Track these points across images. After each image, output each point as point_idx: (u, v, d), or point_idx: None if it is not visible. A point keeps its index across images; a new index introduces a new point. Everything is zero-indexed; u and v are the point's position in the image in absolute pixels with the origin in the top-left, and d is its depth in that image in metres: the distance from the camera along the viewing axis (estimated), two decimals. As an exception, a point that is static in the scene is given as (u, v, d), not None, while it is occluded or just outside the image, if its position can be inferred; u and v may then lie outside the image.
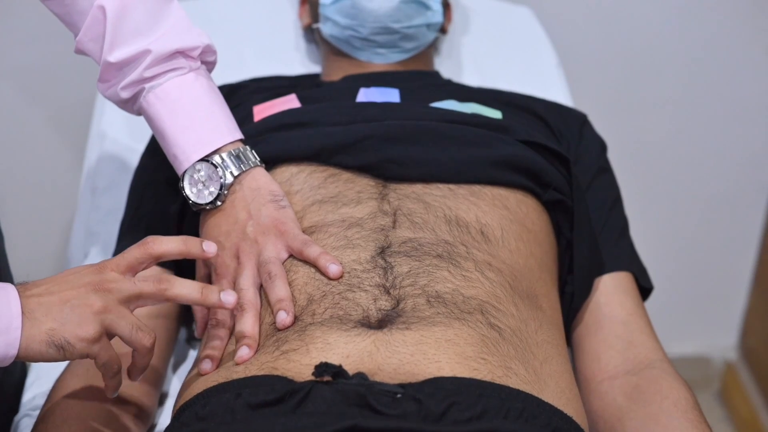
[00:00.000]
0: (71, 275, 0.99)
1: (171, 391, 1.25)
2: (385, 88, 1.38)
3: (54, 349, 0.95)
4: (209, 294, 1.03)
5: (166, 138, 1.17)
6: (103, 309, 0.97)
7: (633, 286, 1.29)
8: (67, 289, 0.97)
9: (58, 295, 0.97)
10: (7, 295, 0.95)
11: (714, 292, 2.30)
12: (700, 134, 2.09)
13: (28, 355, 0.95)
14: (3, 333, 0.93)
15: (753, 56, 2.00)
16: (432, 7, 1.45)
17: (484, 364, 0.99)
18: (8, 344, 0.94)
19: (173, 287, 1.01)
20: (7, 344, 0.94)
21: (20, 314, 0.94)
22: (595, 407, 1.20)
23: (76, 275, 0.99)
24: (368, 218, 1.15)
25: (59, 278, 0.99)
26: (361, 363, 0.98)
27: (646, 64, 2.00)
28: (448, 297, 1.05)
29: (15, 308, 0.94)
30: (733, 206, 2.17)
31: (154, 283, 1.01)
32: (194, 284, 1.03)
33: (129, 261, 1.01)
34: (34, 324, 0.95)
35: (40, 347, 0.95)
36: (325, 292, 1.06)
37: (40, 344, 0.94)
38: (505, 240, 1.17)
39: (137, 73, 1.15)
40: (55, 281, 0.98)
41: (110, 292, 0.98)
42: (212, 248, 1.06)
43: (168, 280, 1.01)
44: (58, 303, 0.96)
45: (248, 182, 1.16)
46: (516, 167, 1.23)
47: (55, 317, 0.95)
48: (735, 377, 2.30)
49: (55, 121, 1.90)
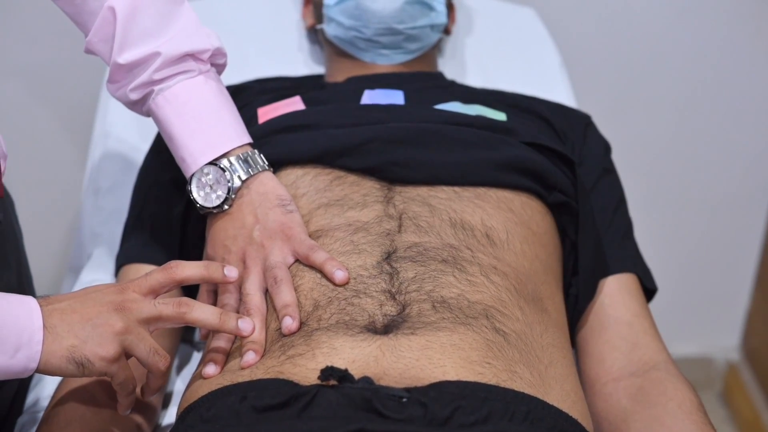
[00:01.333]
0: (93, 293, 1.00)
1: (175, 392, 1.25)
2: (389, 90, 1.38)
3: (74, 366, 0.96)
4: (227, 320, 1.05)
5: (175, 141, 1.17)
6: (124, 330, 0.98)
7: (637, 288, 1.29)
8: (90, 307, 0.98)
9: (81, 312, 0.98)
10: (29, 308, 0.96)
11: (716, 293, 2.30)
12: (704, 135, 2.09)
13: (47, 369, 0.96)
14: (24, 346, 0.95)
15: (757, 58, 2.00)
16: (436, 8, 1.45)
17: (489, 368, 0.99)
18: (29, 358, 0.95)
19: (192, 311, 1.03)
20: (28, 357, 0.95)
21: (42, 328, 0.95)
22: (600, 409, 1.20)
23: (99, 294, 1.00)
24: (374, 222, 1.15)
25: (81, 295, 1.00)
26: (366, 367, 0.98)
27: (650, 65, 2.00)
28: (453, 302, 1.05)
29: (37, 322, 0.95)
30: (735, 207, 2.17)
31: (174, 306, 1.02)
32: (213, 310, 1.04)
33: (151, 284, 1.03)
34: (56, 339, 0.96)
35: (60, 363, 0.96)
36: (332, 298, 1.06)
37: (60, 360, 0.96)
38: (510, 243, 1.17)
39: (146, 75, 1.15)
40: (77, 298, 0.99)
41: (131, 312, 1.00)
42: (233, 273, 1.07)
43: (187, 303, 1.03)
44: (80, 320, 0.97)
45: (256, 186, 1.16)
46: (521, 169, 1.23)
47: (77, 334, 0.96)
48: (737, 378, 2.30)
49: (58, 121, 1.90)
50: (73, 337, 0.96)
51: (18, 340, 0.95)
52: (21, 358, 0.95)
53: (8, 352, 0.94)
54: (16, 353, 0.95)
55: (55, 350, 0.96)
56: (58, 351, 0.96)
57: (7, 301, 0.97)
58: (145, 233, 1.29)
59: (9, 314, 0.95)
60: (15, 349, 0.95)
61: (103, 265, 1.44)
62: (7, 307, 0.96)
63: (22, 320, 0.95)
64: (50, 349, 0.96)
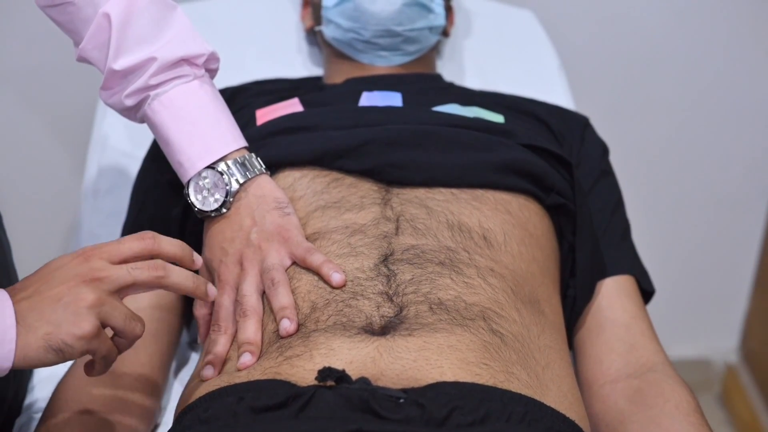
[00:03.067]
0: (56, 270, 0.94)
1: (173, 394, 1.26)
2: (387, 92, 1.38)
3: (53, 354, 0.91)
4: (200, 285, 1.00)
5: (171, 145, 1.17)
6: (97, 302, 0.92)
7: (635, 290, 1.29)
8: (56, 286, 0.93)
9: (48, 294, 0.92)
10: (1, 305, 0.92)
11: (715, 295, 2.30)
12: (702, 137, 2.09)
13: (27, 363, 0.91)
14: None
15: (755, 59, 2.00)
16: (434, 10, 1.45)
17: (486, 370, 0.99)
18: (2, 357, 0.90)
19: (170, 276, 0.98)
20: (2, 357, 0.90)
21: (14, 325, 0.90)
22: (597, 410, 1.19)
23: (62, 269, 0.94)
24: (371, 225, 1.15)
25: (44, 274, 0.94)
26: (364, 368, 0.98)
27: (648, 67, 2.00)
28: (451, 304, 1.05)
29: (9, 319, 0.91)
30: (734, 209, 2.17)
31: (149, 270, 0.96)
32: (187, 274, 0.99)
33: (124, 253, 0.97)
34: (29, 331, 0.91)
35: (38, 354, 0.91)
36: (329, 300, 1.06)
37: (38, 351, 0.91)
38: (508, 245, 1.17)
39: (142, 81, 1.15)
40: (41, 279, 0.94)
41: (101, 282, 0.94)
42: (199, 261, 1.03)
43: (164, 267, 0.97)
44: (49, 303, 0.92)
45: (253, 189, 1.17)
46: (518, 171, 1.23)
47: (48, 319, 0.91)
48: (736, 380, 2.30)
49: (57, 123, 1.90)
50: (46, 323, 0.91)
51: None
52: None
53: None
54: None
55: (30, 342, 0.90)
56: (34, 342, 0.90)
57: None
58: (144, 235, 1.29)
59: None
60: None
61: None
62: None
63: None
64: (25, 343, 0.90)
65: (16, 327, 0.90)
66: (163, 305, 1.23)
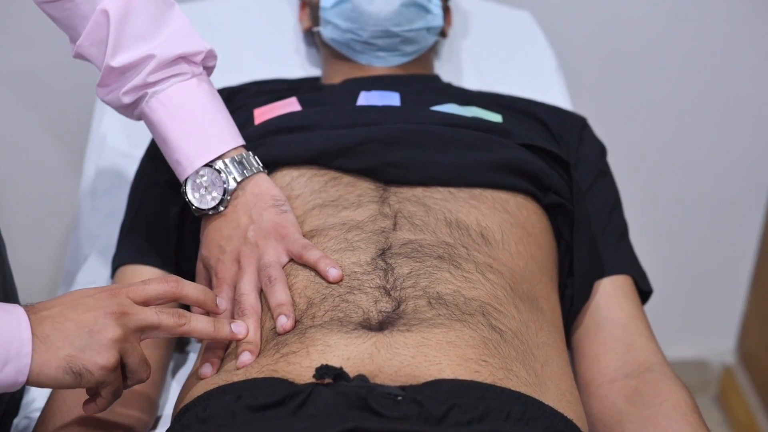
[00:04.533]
0: (84, 298, 0.96)
1: (170, 394, 1.25)
2: (385, 92, 1.38)
3: (71, 377, 0.92)
4: (221, 328, 1.04)
5: (169, 143, 1.17)
6: (122, 337, 0.95)
7: (633, 290, 1.29)
8: (84, 313, 0.94)
9: (74, 319, 0.94)
10: (17, 318, 0.92)
11: (712, 296, 2.30)
12: (699, 138, 2.09)
13: (40, 380, 0.92)
14: (13, 360, 0.90)
15: (752, 60, 2.01)
16: (432, 10, 1.45)
17: (485, 366, 0.99)
18: (18, 371, 0.91)
19: (190, 323, 1.01)
20: (17, 371, 0.91)
21: (30, 339, 0.91)
22: (595, 410, 1.20)
23: (91, 299, 0.96)
24: (368, 221, 1.15)
25: (71, 300, 0.96)
26: (361, 365, 0.98)
27: (646, 68, 2.00)
28: (450, 298, 1.05)
29: (26, 333, 0.91)
30: (731, 210, 2.17)
31: (174, 317, 1.00)
32: (207, 320, 1.03)
33: (149, 294, 1.01)
34: (50, 349, 0.92)
35: (56, 374, 0.92)
36: (325, 295, 1.06)
37: (57, 370, 0.92)
38: (506, 243, 1.17)
39: (140, 78, 1.15)
40: (66, 304, 0.95)
41: (128, 319, 0.96)
42: (224, 305, 1.09)
43: (185, 315, 1.01)
44: (75, 328, 0.93)
45: (251, 188, 1.17)
46: (516, 171, 1.23)
47: (72, 343, 0.92)
48: (733, 381, 2.30)
49: (54, 124, 1.90)
50: (69, 346, 0.92)
51: (5, 353, 0.90)
52: (9, 371, 0.90)
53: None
54: (3, 367, 0.90)
55: (49, 360, 0.91)
56: (54, 361, 0.91)
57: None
58: (142, 235, 1.29)
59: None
60: (2, 362, 0.90)
61: (99, 266, 1.45)
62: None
63: (8, 332, 0.90)
64: (43, 360, 0.91)
65: (32, 341, 0.91)
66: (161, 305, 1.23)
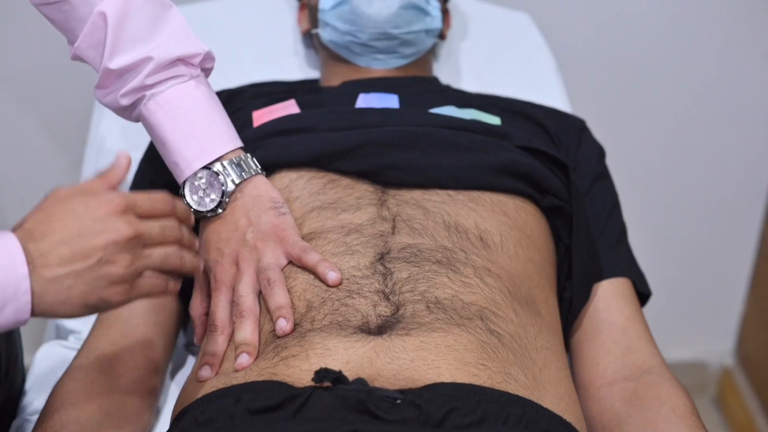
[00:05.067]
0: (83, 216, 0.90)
1: (170, 396, 1.25)
2: (384, 94, 1.38)
3: (87, 309, 0.89)
4: None
5: (167, 146, 1.17)
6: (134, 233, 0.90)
7: (631, 292, 1.29)
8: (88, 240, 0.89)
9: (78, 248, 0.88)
10: (9, 254, 0.86)
11: (711, 298, 2.30)
12: (698, 140, 2.09)
13: (50, 313, 0.88)
14: (10, 302, 0.86)
15: (750, 62, 2.01)
16: (431, 13, 1.45)
17: (483, 370, 0.99)
18: (18, 310, 0.87)
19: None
20: (16, 310, 0.87)
21: (28, 276, 0.86)
22: (594, 413, 1.19)
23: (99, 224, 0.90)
24: (367, 224, 1.15)
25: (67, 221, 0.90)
26: (360, 369, 0.98)
27: (644, 70, 2.00)
28: (448, 303, 1.05)
29: (21, 269, 0.86)
30: (730, 212, 2.18)
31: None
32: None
33: (148, 208, 0.95)
34: (54, 282, 0.87)
35: (74, 310, 0.89)
36: (325, 299, 1.06)
37: (75, 307, 0.88)
38: (504, 246, 1.17)
39: (138, 80, 1.15)
40: (64, 226, 0.89)
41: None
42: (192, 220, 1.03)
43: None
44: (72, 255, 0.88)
45: (249, 190, 1.16)
46: (515, 173, 1.23)
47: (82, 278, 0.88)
48: (731, 383, 2.30)
49: (53, 126, 1.90)
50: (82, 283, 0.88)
51: (2, 295, 0.85)
52: (8, 313, 0.86)
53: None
54: (1, 311, 0.86)
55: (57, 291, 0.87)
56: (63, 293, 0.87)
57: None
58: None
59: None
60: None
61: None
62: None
63: (2, 272, 0.85)
64: (47, 292, 0.87)
65: (29, 277, 0.86)
66: (160, 307, 1.23)
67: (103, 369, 1.14)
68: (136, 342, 1.18)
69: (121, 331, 1.18)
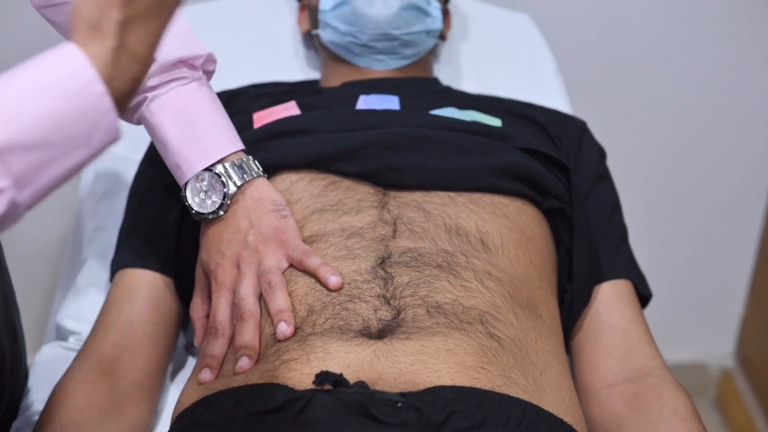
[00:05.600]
0: None
1: (169, 397, 1.25)
2: (384, 96, 1.38)
3: None
4: None
5: (169, 147, 1.16)
6: None
7: (632, 294, 1.29)
8: None
9: None
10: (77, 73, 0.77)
11: (711, 300, 2.30)
12: (698, 142, 2.09)
13: None
14: (94, 129, 0.78)
15: (751, 63, 2.01)
16: (431, 13, 1.45)
17: (483, 374, 0.99)
18: (107, 132, 0.79)
19: None
20: (106, 133, 0.79)
21: (106, 93, 0.78)
22: (594, 415, 1.19)
23: None
24: (368, 227, 1.15)
25: None
26: (361, 372, 0.98)
27: (645, 71, 2.00)
28: (448, 307, 1.05)
29: (98, 87, 0.77)
30: (730, 214, 2.18)
31: None
32: None
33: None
34: None
35: None
36: (326, 303, 1.06)
37: None
38: (505, 249, 1.17)
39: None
40: None
41: None
42: None
43: None
44: None
45: (251, 192, 1.16)
46: (516, 175, 1.23)
47: None
48: (731, 384, 2.30)
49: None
50: None
51: (85, 122, 0.77)
52: (100, 138, 0.79)
53: (81, 143, 0.78)
54: (89, 140, 0.79)
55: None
56: None
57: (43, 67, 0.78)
58: (141, 238, 1.28)
59: (63, 98, 0.77)
60: (87, 135, 0.78)
61: (98, 270, 1.44)
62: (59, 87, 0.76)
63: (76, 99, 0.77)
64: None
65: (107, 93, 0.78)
66: (160, 308, 1.23)
67: (103, 370, 1.14)
68: (136, 343, 1.18)
69: (121, 332, 1.18)
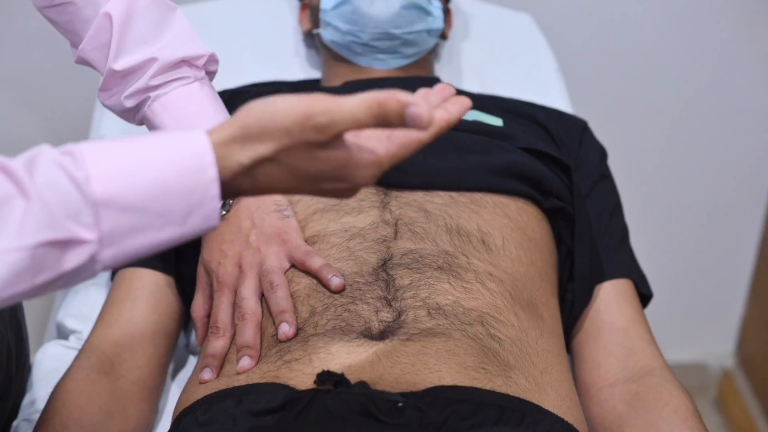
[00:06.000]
0: None
1: (170, 397, 1.25)
2: (385, 95, 1.38)
3: None
4: None
5: (171, 147, 1.16)
6: None
7: (633, 294, 1.29)
8: None
9: None
10: (198, 160, 0.77)
11: (711, 300, 2.30)
12: (699, 141, 2.09)
13: None
14: (196, 209, 0.78)
15: (752, 63, 2.01)
16: (433, 12, 1.45)
17: (484, 374, 0.99)
18: (205, 218, 0.79)
19: None
20: (204, 218, 0.79)
21: (217, 180, 0.78)
22: (595, 414, 1.19)
23: None
24: (370, 228, 1.15)
25: None
26: (362, 372, 0.98)
27: (646, 71, 2.00)
28: (449, 309, 1.05)
29: (210, 172, 0.78)
30: (731, 214, 2.18)
31: None
32: None
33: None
34: None
35: None
36: (328, 305, 1.06)
37: None
38: (506, 248, 1.17)
39: (143, 82, 1.15)
40: None
41: None
42: None
43: None
44: None
45: (253, 192, 1.16)
46: (517, 175, 1.23)
47: None
48: (732, 384, 2.30)
49: (53, 126, 1.89)
50: None
51: (187, 202, 0.78)
52: (195, 221, 0.79)
53: (177, 221, 0.78)
54: (186, 219, 0.79)
55: None
56: None
57: (167, 146, 0.78)
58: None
59: (173, 171, 0.77)
60: (185, 215, 0.78)
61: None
62: (174, 164, 0.77)
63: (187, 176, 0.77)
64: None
65: (218, 183, 0.79)
66: (161, 307, 1.23)
67: (104, 369, 1.14)
68: (137, 342, 1.18)
69: (122, 331, 1.18)
